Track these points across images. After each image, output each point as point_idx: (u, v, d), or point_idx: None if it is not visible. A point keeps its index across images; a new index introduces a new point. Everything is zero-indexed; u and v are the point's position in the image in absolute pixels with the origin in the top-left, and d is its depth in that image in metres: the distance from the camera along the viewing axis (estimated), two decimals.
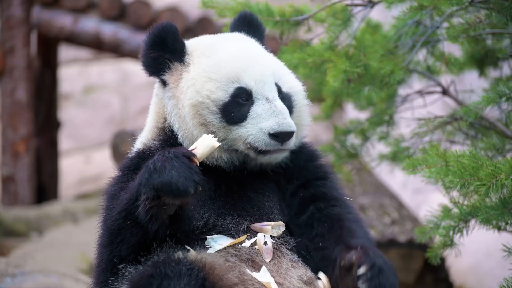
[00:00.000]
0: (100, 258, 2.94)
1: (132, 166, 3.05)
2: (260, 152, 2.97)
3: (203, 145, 2.81)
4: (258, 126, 2.95)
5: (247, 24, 3.28)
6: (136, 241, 2.82)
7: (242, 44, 3.15)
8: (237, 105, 2.98)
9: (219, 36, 3.23)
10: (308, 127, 3.17)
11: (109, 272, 2.88)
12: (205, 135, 2.85)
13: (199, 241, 2.90)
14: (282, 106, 2.98)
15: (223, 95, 2.99)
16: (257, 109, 2.97)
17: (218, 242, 2.90)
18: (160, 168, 2.71)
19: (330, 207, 3.03)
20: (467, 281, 6.26)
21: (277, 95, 3.01)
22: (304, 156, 3.15)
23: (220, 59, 3.05)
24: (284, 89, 3.08)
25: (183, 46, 3.11)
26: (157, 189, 2.70)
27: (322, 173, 3.15)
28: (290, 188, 3.09)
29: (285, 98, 3.05)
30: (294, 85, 3.12)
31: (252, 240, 2.92)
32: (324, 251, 2.92)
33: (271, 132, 2.93)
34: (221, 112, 2.98)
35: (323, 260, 2.91)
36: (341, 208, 3.04)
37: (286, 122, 2.93)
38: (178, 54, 3.09)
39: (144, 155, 3.06)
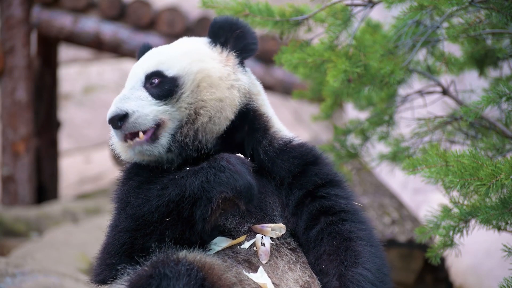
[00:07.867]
0: (115, 240, 2.87)
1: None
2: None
3: None
4: None
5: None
6: (172, 236, 2.79)
7: (166, 45, 3.24)
8: None
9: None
10: (216, 101, 3.00)
11: (123, 256, 2.84)
12: None
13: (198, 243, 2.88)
14: (121, 95, 3.00)
15: None
16: None
17: (217, 244, 2.89)
18: (238, 170, 2.74)
19: (340, 221, 2.97)
20: (467, 281, 6.26)
21: (138, 84, 3.03)
22: (297, 161, 3.06)
23: None
24: (170, 73, 3.04)
25: None
26: (239, 191, 2.74)
27: (324, 179, 3.05)
28: (293, 199, 3.02)
29: (168, 82, 3.01)
30: (184, 66, 3.04)
31: (251, 241, 2.90)
32: (324, 278, 2.91)
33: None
34: None
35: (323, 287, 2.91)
36: (352, 222, 2.98)
37: (111, 109, 2.96)
38: None
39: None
